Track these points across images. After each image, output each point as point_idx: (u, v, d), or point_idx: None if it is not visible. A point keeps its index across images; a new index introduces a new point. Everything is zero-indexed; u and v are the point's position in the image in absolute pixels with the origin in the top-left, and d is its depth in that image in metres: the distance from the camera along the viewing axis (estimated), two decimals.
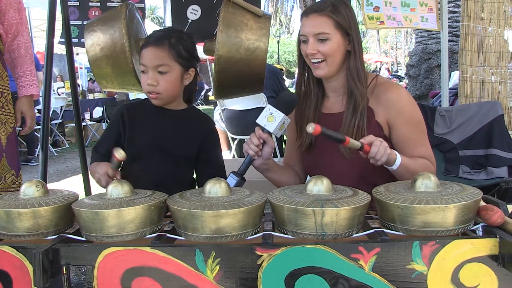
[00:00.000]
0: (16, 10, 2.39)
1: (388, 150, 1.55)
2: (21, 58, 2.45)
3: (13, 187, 2.31)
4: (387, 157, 1.55)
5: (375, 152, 1.53)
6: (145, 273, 1.14)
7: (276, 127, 1.66)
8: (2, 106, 2.30)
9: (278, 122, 1.65)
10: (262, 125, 1.68)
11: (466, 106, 3.51)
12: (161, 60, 1.75)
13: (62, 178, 5.86)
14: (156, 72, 1.75)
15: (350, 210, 1.17)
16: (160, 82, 1.76)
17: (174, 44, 1.77)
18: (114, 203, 1.22)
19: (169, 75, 1.77)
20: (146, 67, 1.76)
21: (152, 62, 1.75)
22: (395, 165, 1.60)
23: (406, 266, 1.11)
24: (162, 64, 1.75)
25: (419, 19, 4.14)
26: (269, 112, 1.67)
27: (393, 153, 1.59)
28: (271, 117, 1.66)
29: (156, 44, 1.76)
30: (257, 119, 1.69)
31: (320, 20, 1.71)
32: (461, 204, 1.15)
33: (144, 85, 1.79)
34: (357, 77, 1.75)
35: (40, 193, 1.33)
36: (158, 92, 1.77)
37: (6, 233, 1.26)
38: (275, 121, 1.65)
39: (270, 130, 1.67)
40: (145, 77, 1.77)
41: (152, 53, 1.75)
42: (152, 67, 1.75)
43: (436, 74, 7.50)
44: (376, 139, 1.54)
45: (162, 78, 1.76)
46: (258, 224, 1.25)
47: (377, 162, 1.55)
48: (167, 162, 1.83)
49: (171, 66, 1.77)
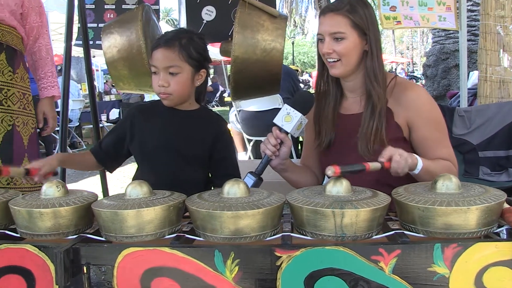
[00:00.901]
0: (38, 13, 2.43)
1: (409, 161, 1.52)
2: (42, 60, 2.49)
3: (34, 187, 2.34)
4: (408, 168, 1.52)
5: (396, 168, 1.50)
6: (164, 274, 1.14)
7: (294, 126, 1.65)
8: (24, 107, 2.34)
9: (295, 122, 1.65)
10: (279, 125, 1.68)
11: (486, 107, 3.46)
12: (171, 61, 1.75)
13: (79, 179, 5.92)
14: (167, 73, 1.76)
15: (370, 211, 1.15)
16: (171, 83, 1.76)
17: (184, 45, 1.77)
18: (134, 204, 1.22)
19: (180, 76, 1.77)
20: (157, 68, 1.77)
21: (163, 63, 1.75)
22: (416, 170, 1.57)
23: (427, 269, 1.10)
24: (173, 65, 1.75)
25: (437, 18, 4.09)
26: (287, 112, 1.66)
27: (414, 158, 1.57)
28: (289, 117, 1.65)
29: (167, 45, 1.76)
30: (274, 118, 1.68)
31: (336, 19, 1.70)
32: (484, 206, 1.13)
33: (155, 86, 1.79)
34: (374, 78, 1.73)
35: (60, 194, 1.34)
36: (169, 93, 1.78)
37: (28, 232, 1.27)
38: (292, 120, 1.65)
39: (288, 130, 1.66)
40: (156, 78, 1.78)
41: (162, 54, 1.76)
42: (162, 68, 1.75)
43: (454, 74, 7.42)
44: (395, 153, 1.50)
45: (173, 79, 1.77)
46: (277, 225, 1.24)
47: (399, 174, 1.53)
48: (179, 162, 1.84)
49: (181, 67, 1.77)
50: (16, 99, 2.28)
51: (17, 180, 2.27)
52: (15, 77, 2.28)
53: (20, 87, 2.32)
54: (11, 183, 2.25)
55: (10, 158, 2.25)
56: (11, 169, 1.59)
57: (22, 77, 2.34)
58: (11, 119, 2.25)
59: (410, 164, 1.53)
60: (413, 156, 1.57)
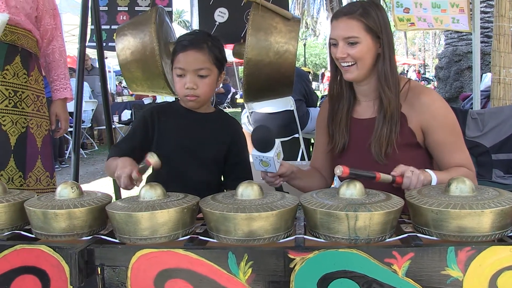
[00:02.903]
0: (52, 16, 2.46)
1: (421, 177, 1.52)
2: (56, 62, 2.52)
3: (47, 188, 2.37)
4: (421, 184, 1.51)
5: (408, 183, 1.50)
6: (178, 275, 1.15)
7: (276, 165, 1.61)
8: (38, 109, 2.36)
9: (273, 162, 1.60)
10: (264, 171, 1.66)
11: (499, 109, 3.43)
12: (202, 63, 1.76)
13: (92, 180, 5.97)
14: (196, 75, 1.77)
15: (384, 214, 1.15)
16: (199, 85, 1.77)
17: (211, 47, 1.79)
18: (147, 206, 1.23)
19: (209, 79, 1.79)
20: (185, 71, 1.77)
21: (193, 66, 1.76)
22: None
23: (441, 272, 1.09)
24: (203, 68, 1.77)
25: (450, 20, 4.07)
26: (259, 160, 1.61)
27: (428, 174, 1.56)
28: (264, 162, 1.61)
29: (196, 47, 1.76)
30: (255, 167, 1.65)
31: (349, 23, 1.69)
32: (499, 209, 1.13)
33: (181, 88, 1.79)
34: (384, 81, 1.72)
35: (75, 195, 1.36)
36: (197, 95, 1.79)
37: (43, 233, 1.29)
38: (269, 162, 1.61)
39: (273, 171, 1.64)
40: (182, 80, 1.78)
41: (193, 56, 1.76)
42: (192, 71, 1.76)
43: (466, 76, 7.36)
44: (407, 170, 1.51)
45: (202, 81, 1.78)
46: (290, 227, 1.24)
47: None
48: (196, 165, 1.84)
49: (211, 70, 1.79)
50: (30, 102, 2.31)
51: (30, 183, 2.30)
52: (29, 80, 2.31)
53: (34, 90, 2.35)
54: (24, 185, 2.27)
55: (24, 160, 2.28)
56: None
57: (36, 79, 2.37)
58: (25, 121, 2.28)
59: (423, 181, 1.52)
60: (425, 173, 1.56)
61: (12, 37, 2.22)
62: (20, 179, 2.26)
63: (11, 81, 2.23)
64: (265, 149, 1.58)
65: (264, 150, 1.58)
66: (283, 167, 1.68)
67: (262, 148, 1.58)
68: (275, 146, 1.58)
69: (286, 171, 1.71)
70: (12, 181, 2.24)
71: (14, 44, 2.24)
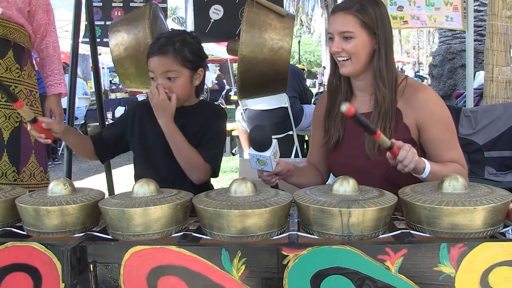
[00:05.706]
0: (45, 11, 2.44)
1: (416, 157, 1.51)
2: (49, 58, 2.50)
3: (41, 183, 2.36)
4: (415, 164, 1.51)
5: (403, 156, 1.48)
6: (171, 272, 1.14)
7: (273, 164, 1.62)
8: (31, 104, 2.35)
9: (270, 161, 1.60)
10: (260, 169, 1.66)
11: (492, 107, 3.44)
12: (167, 67, 1.78)
13: (85, 177, 5.95)
14: (165, 78, 1.79)
15: (377, 211, 1.16)
16: (171, 87, 1.80)
17: (178, 49, 1.79)
18: (141, 202, 1.23)
19: (179, 80, 1.81)
20: (155, 74, 1.80)
21: (160, 69, 1.78)
22: (424, 173, 1.57)
23: (434, 268, 1.10)
24: (170, 71, 1.78)
25: (444, 18, 4.08)
26: (256, 159, 1.61)
27: (422, 161, 1.56)
28: (261, 161, 1.61)
29: (161, 52, 1.78)
30: (252, 166, 1.65)
31: (345, 18, 1.70)
32: (490, 206, 1.13)
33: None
34: (379, 77, 1.73)
35: (67, 191, 1.35)
36: None
37: (35, 230, 1.28)
38: (266, 161, 1.61)
39: (270, 170, 1.64)
40: (154, 83, 1.81)
41: (158, 61, 1.78)
42: (160, 74, 1.79)
43: (460, 74, 7.40)
44: (405, 144, 1.51)
45: (173, 84, 1.80)
46: (284, 224, 1.24)
47: (405, 168, 1.51)
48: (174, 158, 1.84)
49: (179, 72, 1.80)
50: (23, 96, 2.29)
51: (23, 177, 2.29)
52: (22, 74, 2.30)
53: (27, 84, 2.33)
54: (17, 180, 2.26)
55: (18, 155, 2.27)
56: (26, 107, 1.63)
57: (29, 74, 2.35)
58: (18, 116, 2.26)
59: (417, 163, 1.53)
60: (421, 159, 1.56)
61: (4, 31, 2.20)
62: (13, 174, 2.25)
63: (3, 75, 2.21)
64: (262, 149, 1.58)
65: (261, 149, 1.58)
66: (280, 165, 1.68)
67: (259, 148, 1.58)
68: (272, 146, 1.58)
69: (283, 170, 1.71)
70: (5, 175, 2.23)
71: (6, 38, 2.22)
